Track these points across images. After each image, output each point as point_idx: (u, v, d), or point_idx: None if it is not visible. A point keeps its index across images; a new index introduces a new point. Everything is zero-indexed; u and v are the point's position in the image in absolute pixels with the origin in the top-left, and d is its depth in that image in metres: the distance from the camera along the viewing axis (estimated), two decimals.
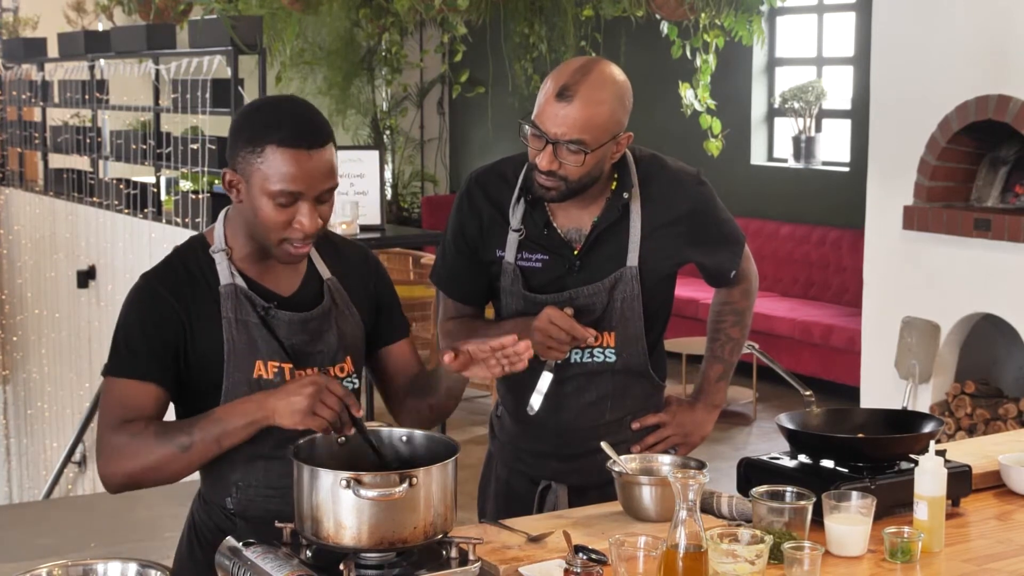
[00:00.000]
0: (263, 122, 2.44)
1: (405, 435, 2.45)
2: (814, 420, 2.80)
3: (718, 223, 3.04)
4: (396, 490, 2.16)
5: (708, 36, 6.85)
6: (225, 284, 2.52)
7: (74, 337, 9.06)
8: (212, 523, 2.61)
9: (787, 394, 8.38)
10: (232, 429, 2.40)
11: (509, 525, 2.58)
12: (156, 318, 2.48)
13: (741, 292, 3.16)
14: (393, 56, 10.23)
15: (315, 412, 2.35)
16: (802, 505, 2.38)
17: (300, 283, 2.61)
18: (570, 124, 2.74)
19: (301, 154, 2.40)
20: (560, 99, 2.74)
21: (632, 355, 2.98)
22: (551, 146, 2.76)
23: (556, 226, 2.94)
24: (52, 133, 9.36)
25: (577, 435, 3.00)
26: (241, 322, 2.51)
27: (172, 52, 7.59)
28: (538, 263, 2.95)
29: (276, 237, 2.46)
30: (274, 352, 2.53)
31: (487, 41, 9.14)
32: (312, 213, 2.45)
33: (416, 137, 13.36)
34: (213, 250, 2.55)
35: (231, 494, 2.57)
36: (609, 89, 2.77)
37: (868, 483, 2.53)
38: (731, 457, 6.86)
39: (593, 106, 2.74)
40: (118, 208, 8.09)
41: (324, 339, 2.59)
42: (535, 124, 2.78)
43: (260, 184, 2.42)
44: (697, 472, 2.24)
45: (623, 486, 2.62)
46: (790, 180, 9.88)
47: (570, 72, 2.76)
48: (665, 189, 2.96)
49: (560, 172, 2.78)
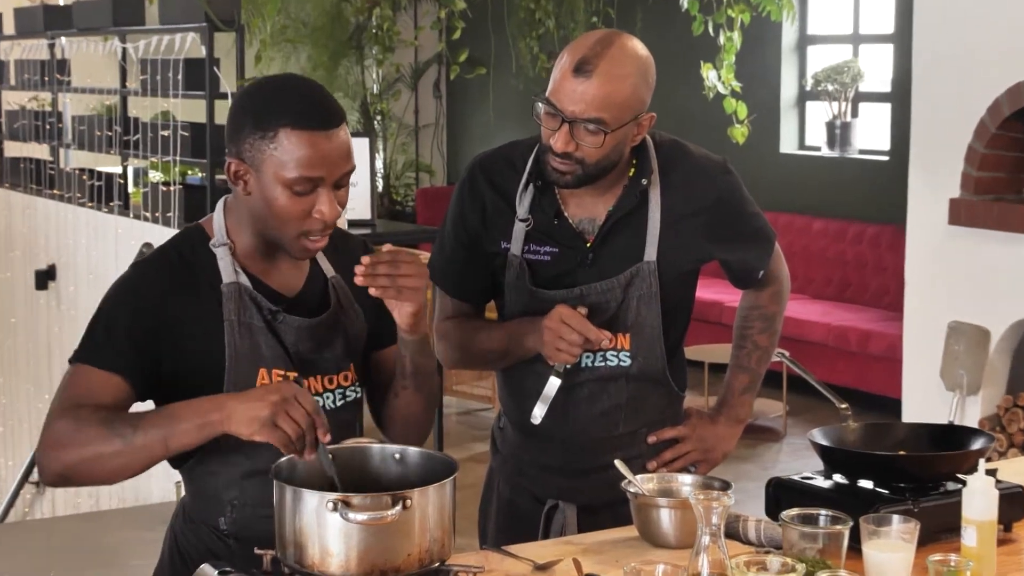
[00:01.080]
0: (272, 103, 2.42)
1: (398, 452, 2.45)
2: (851, 436, 2.80)
3: (745, 217, 3.03)
4: (388, 513, 2.16)
5: (733, 11, 6.86)
6: (228, 282, 2.51)
7: (32, 344, 9.07)
8: (202, 545, 2.58)
9: (820, 407, 8.37)
10: (182, 429, 2.33)
11: (513, 552, 2.57)
12: (142, 310, 2.46)
13: (771, 295, 3.15)
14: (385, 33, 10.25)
15: (276, 423, 2.29)
16: (838, 530, 2.37)
17: (305, 281, 2.61)
18: (589, 101, 2.73)
19: (318, 135, 2.40)
20: (578, 74, 2.74)
21: (649, 359, 2.97)
22: (567, 125, 2.76)
23: (567, 215, 2.93)
24: (8, 118, 9.38)
25: (587, 448, 2.99)
26: (244, 325, 2.50)
27: (141, 29, 7.60)
28: (547, 256, 2.94)
29: (294, 230, 2.45)
30: (279, 359, 2.52)
31: (489, 17, 9.15)
32: (332, 200, 2.44)
33: (410, 123, 13.36)
34: (214, 244, 2.53)
35: (225, 513, 2.55)
36: (632, 64, 2.77)
37: (911, 506, 2.53)
38: (759, 476, 6.85)
39: (614, 82, 2.74)
40: (81, 201, 8.10)
41: (332, 346, 2.60)
42: (550, 101, 2.78)
43: (274, 172, 2.41)
44: (721, 493, 2.24)
45: (639, 509, 2.62)
46: (823, 170, 9.88)
47: (589, 45, 2.76)
48: (688, 177, 2.95)
49: (576, 154, 2.78)
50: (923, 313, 6.41)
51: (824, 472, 2.71)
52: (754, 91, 8.55)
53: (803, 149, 10.24)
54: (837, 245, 9.65)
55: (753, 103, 7.61)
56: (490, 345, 2.99)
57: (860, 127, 9.70)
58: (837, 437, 2.77)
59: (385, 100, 12.82)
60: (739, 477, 6.55)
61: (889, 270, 9.14)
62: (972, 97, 6.05)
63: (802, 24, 10.10)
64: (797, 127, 10.26)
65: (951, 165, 6.17)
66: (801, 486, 2.68)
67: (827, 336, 8.83)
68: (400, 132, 13.23)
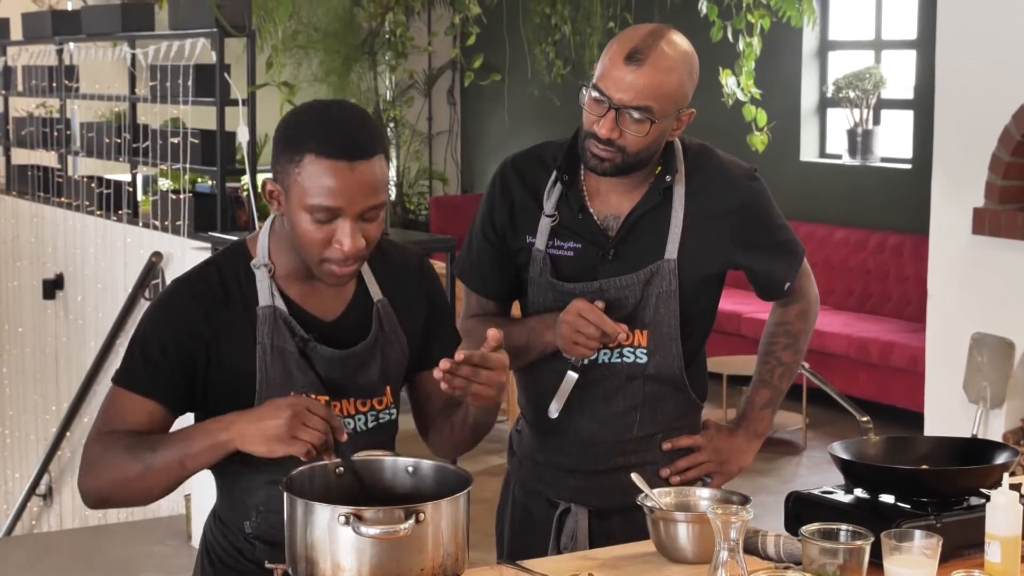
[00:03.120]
0: (305, 128, 2.45)
1: (411, 465, 2.45)
2: (872, 449, 2.80)
3: (772, 227, 3.09)
4: (401, 527, 2.17)
5: (752, 16, 6.86)
6: (264, 305, 2.55)
7: (39, 354, 9.09)
8: (229, 544, 2.66)
9: (841, 420, 8.35)
10: (197, 451, 2.42)
11: (528, 567, 2.57)
12: (179, 332, 2.52)
13: (798, 313, 3.18)
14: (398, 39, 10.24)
15: (295, 436, 2.35)
16: (858, 545, 2.37)
17: (347, 306, 2.63)
18: (639, 89, 2.82)
19: (341, 165, 2.41)
20: (629, 62, 2.83)
21: (665, 358, 3.01)
22: (614, 112, 2.84)
23: (592, 211, 3.00)
24: (15, 125, 9.40)
25: (601, 449, 3.04)
26: (277, 349, 2.54)
27: (150, 34, 7.62)
28: (570, 251, 3.00)
29: (316, 255, 2.48)
30: (311, 384, 2.56)
31: (503, 22, 9.15)
32: (353, 233, 2.45)
33: (424, 130, 13.38)
34: (255, 264, 2.58)
35: (251, 518, 2.61)
36: (680, 57, 2.88)
37: (933, 521, 2.52)
38: (778, 491, 6.84)
39: (664, 73, 2.84)
40: (89, 209, 8.12)
41: (366, 373, 2.62)
42: (599, 88, 2.85)
43: (298, 197, 2.44)
44: (740, 508, 2.24)
45: (656, 523, 2.62)
46: (844, 178, 9.87)
47: (641, 36, 2.86)
48: (714, 180, 3.02)
49: (619, 141, 2.86)
50: (946, 324, 6.39)
51: (844, 486, 2.71)
52: (774, 98, 8.54)
53: (824, 157, 10.23)
54: (858, 255, 9.64)
55: (773, 110, 7.60)
56: (511, 340, 3.00)
57: (882, 135, 9.69)
58: (858, 451, 2.77)
59: (398, 107, 12.82)
60: (758, 491, 6.55)
61: (911, 280, 9.13)
62: (996, 104, 6.04)
63: (823, 30, 10.09)
64: (818, 135, 10.25)
65: (975, 173, 6.16)
66: (821, 500, 2.68)
67: (848, 348, 8.81)
68: (413, 139, 13.24)
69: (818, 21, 9.01)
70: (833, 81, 9.81)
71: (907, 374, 8.33)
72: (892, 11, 9.81)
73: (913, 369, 8.10)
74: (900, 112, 9.72)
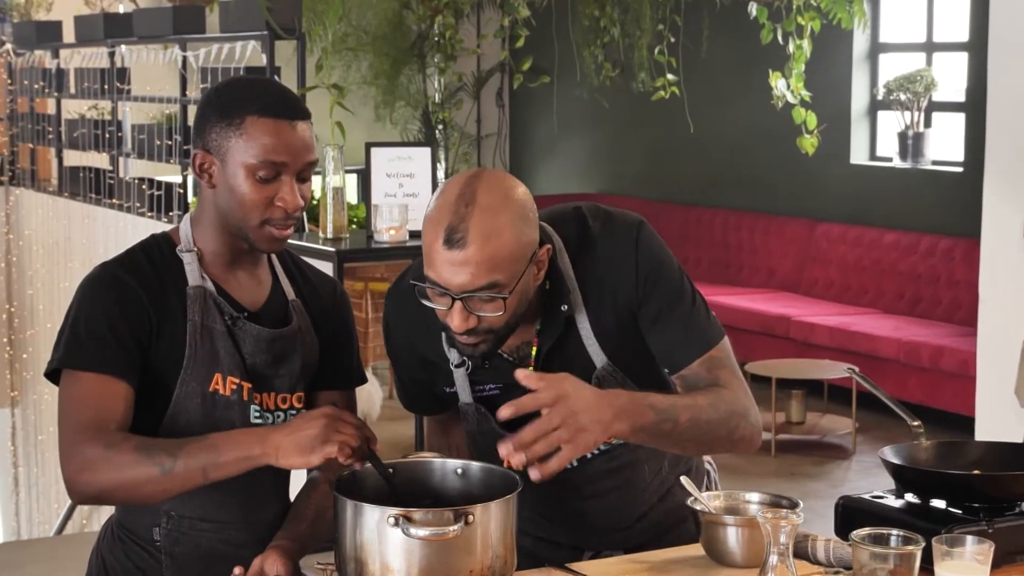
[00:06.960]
0: (239, 95, 2.55)
1: (460, 467, 2.46)
2: (923, 454, 2.78)
3: (663, 288, 2.68)
4: (450, 529, 2.17)
5: (802, 19, 6.84)
6: (194, 285, 2.58)
7: None
8: (130, 563, 2.63)
9: (891, 424, 8.31)
10: (224, 461, 2.39)
11: (577, 570, 2.58)
12: (124, 308, 2.52)
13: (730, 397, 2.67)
14: (447, 41, 10.26)
15: (330, 439, 2.34)
16: (909, 551, 2.36)
17: (266, 299, 2.67)
18: (474, 271, 2.43)
19: (283, 124, 2.52)
20: (450, 246, 2.43)
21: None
22: (459, 303, 2.47)
23: (500, 352, 2.66)
24: (67, 127, 9.46)
25: (614, 518, 2.86)
26: (206, 328, 2.57)
27: (201, 37, 7.66)
28: (496, 390, 2.70)
29: (257, 218, 2.53)
30: (235, 367, 2.58)
31: (552, 25, 9.16)
32: (294, 190, 2.53)
33: (472, 132, 13.40)
34: (180, 250, 2.61)
35: (160, 524, 2.59)
36: (502, 206, 2.47)
37: (985, 526, 2.51)
38: (828, 495, 6.81)
39: (493, 239, 2.43)
40: (140, 211, 8.16)
41: (288, 363, 2.64)
42: (432, 280, 2.48)
43: (239, 159, 2.51)
44: (790, 512, 2.24)
45: (705, 527, 2.62)
46: (895, 182, 9.82)
47: (450, 207, 2.45)
48: (601, 277, 2.67)
49: (481, 326, 2.50)
50: (997, 328, 6.35)
51: (895, 491, 2.70)
52: (824, 100, 8.51)
53: (874, 160, 10.18)
54: (909, 258, 9.59)
55: (823, 113, 7.58)
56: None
57: (933, 137, 9.63)
58: (909, 455, 2.75)
59: (447, 109, 12.85)
60: (807, 495, 6.52)
61: (962, 284, 9.07)
62: None
63: (874, 32, 10.05)
64: (868, 137, 10.20)
65: None
66: (871, 505, 2.67)
67: (898, 352, 8.77)
68: (462, 142, 13.26)
69: (869, 23, 8.98)
70: (884, 83, 9.76)
71: (958, 378, 8.28)
72: (944, 13, 9.75)
73: (964, 373, 8.05)
74: (951, 115, 9.66)
